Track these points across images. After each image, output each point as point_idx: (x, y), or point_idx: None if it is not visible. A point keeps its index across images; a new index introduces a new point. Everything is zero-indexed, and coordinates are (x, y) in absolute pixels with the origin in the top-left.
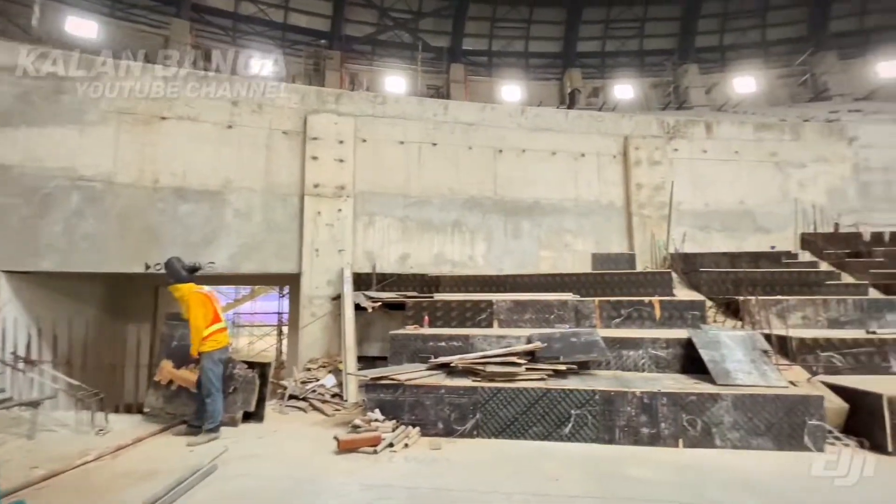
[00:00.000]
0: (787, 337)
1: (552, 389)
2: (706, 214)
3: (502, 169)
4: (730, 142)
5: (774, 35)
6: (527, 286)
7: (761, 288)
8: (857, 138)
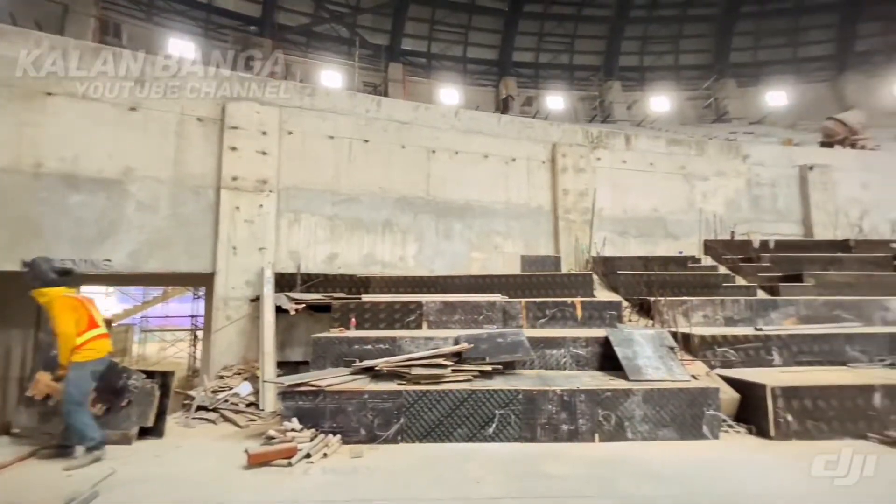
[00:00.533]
0: (690, 334)
1: (477, 390)
2: (624, 220)
3: (435, 169)
4: (646, 154)
5: (685, 61)
6: (458, 287)
7: (670, 289)
8: (749, 156)
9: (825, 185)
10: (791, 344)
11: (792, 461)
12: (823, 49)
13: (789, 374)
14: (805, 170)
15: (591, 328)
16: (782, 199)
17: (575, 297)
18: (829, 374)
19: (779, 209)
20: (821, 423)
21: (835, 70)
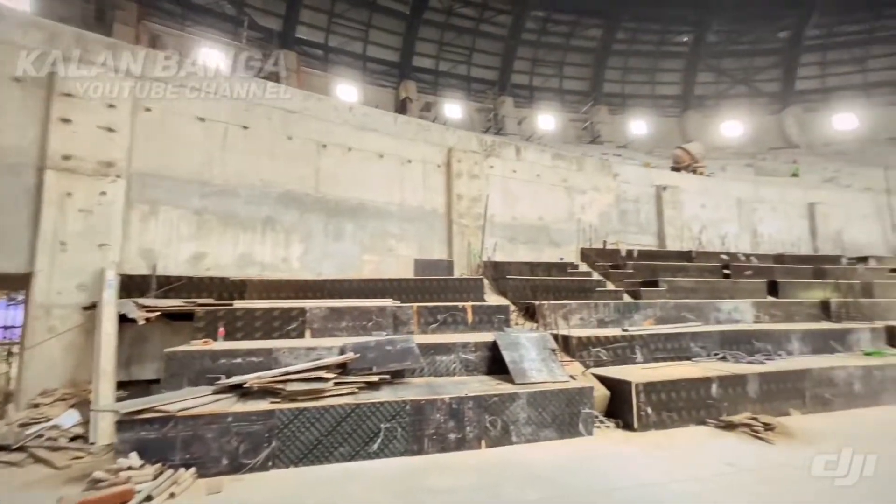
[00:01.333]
0: (569, 336)
1: (362, 404)
2: (514, 227)
3: (326, 165)
4: (533, 165)
5: (568, 85)
6: (347, 291)
7: (552, 293)
8: (619, 175)
9: (675, 204)
10: (650, 342)
11: (651, 450)
12: (673, 89)
13: (649, 370)
14: (660, 189)
15: (481, 332)
16: (643, 213)
17: (466, 302)
18: (678, 369)
19: (641, 223)
20: (673, 414)
21: (680, 108)
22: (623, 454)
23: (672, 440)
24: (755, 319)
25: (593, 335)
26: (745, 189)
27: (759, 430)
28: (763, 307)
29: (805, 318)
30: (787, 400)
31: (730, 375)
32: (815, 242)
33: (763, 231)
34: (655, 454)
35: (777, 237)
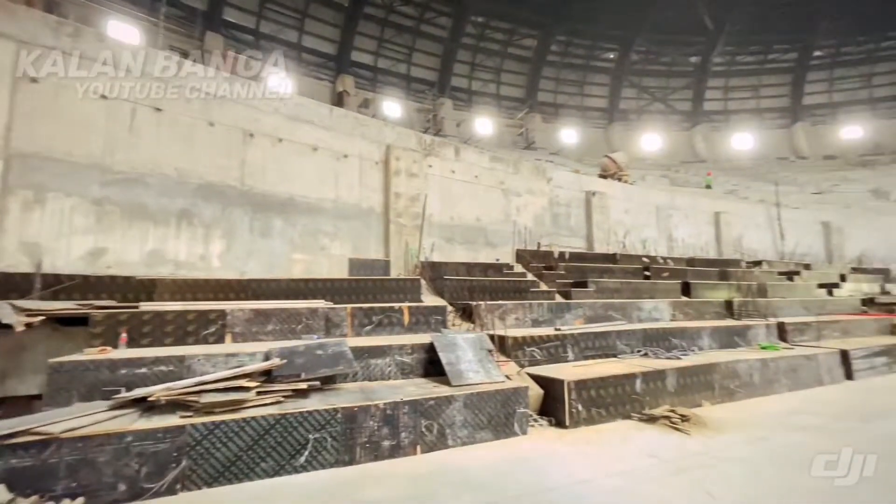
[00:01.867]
0: (505, 336)
1: (288, 414)
2: (452, 227)
3: (254, 156)
4: (472, 167)
5: (505, 91)
6: (275, 292)
7: (489, 294)
8: (552, 179)
9: (602, 209)
10: (580, 341)
11: (583, 446)
12: (600, 102)
13: (580, 368)
14: (590, 195)
15: (418, 334)
16: (574, 217)
17: (403, 303)
18: (606, 366)
19: (572, 226)
20: (601, 410)
21: (607, 120)
22: (557, 452)
23: (601, 435)
24: (672, 318)
25: (528, 335)
26: (663, 197)
27: (677, 422)
28: (678, 306)
29: (713, 316)
30: (699, 392)
31: (651, 371)
32: (720, 247)
33: (677, 236)
34: (586, 450)
35: (689, 241)
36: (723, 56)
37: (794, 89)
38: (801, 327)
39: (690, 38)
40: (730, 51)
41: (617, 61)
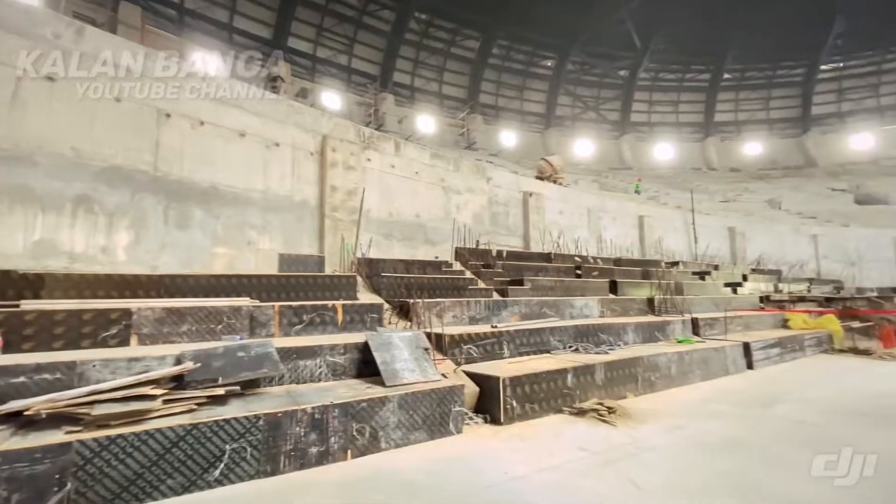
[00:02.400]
0: (442, 334)
1: (201, 423)
2: (390, 223)
3: (171, 139)
4: (412, 162)
5: (447, 91)
6: (193, 289)
7: (427, 291)
8: (492, 179)
9: (539, 210)
10: (516, 338)
11: (517, 443)
12: (538, 108)
13: (515, 365)
14: (527, 195)
15: (353, 333)
16: (512, 217)
17: (337, 301)
18: (540, 362)
19: (509, 225)
20: (535, 405)
21: (544, 125)
22: (492, 450)
23: (534, 430)
24: (600, 314)
25: (465, 332)
26: (594, 200)
27: (605, 414)
28: (606, 303)
29: (637, 313)
30: (624, 384)
31: (581, 366)
32: (643, 248)
33: (606, 237)
34: (520, 447)
35: (616, 242)
36: (648, 72)
37: (707, 107)
38: (711, 322)
39: (620, 53)
40: (654, 68)
41: (554, 69)
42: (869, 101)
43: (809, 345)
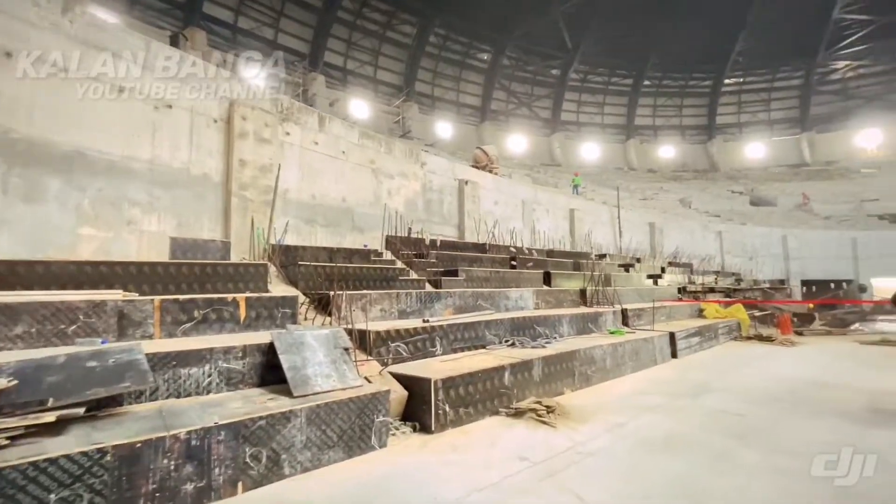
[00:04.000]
0: (368, 331)
1: (6, 468)
2: (313, 207)
3: (16, 88)
4: (339, 140)
5: (383, 76)
6: (43, 280)
7: (353, 283)
8: (426, 164)
9: (474, 199)
10: (449, 333)
11: (449, 454)
12: (474, 100)
13: (448, 363)
14: (462, 183)
15: (259, 331)
16: (447, 205)
17: (241, 293)
18: (475, 359)
19: (444, 214)
20: (469, 408)
21: (479, 118)
22: (421, 465)
23: (469, 438)
24: (535, 306)
25: (394, 328)
26: (528, 192)
27: (544, 415)
28: (541, 295)
29: (570, 304)
30: (562, 380)
31: (519, 362)
32: (574, 241)
33: (539, 229)
34: (454, 459)
35: (549, 234)
36: (578, 73)
37: (629, 110)
38: (639, 313)
39: (553, 52)
40: (583, 69)
41: (490, 63)
42: (762, 115)
43: (722, 333)
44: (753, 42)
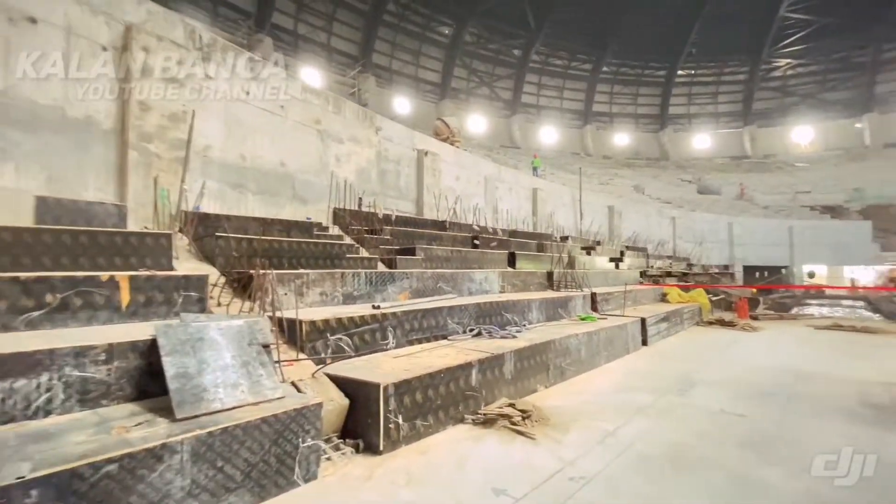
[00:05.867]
0: (298, 320)
1: None
2: (242, 170)
3: None
4: (277, 92)
5: (338, 44)
6: None
7: (289, 260)
8: (382, 129)
9: (434, 172)
10: (405, 321)
11: (401, 488)
12: (434, 76)
13: (402, 360)
14: (422, 154)
15: (149, 321)
16: (404, 177)
17: (123, 272)
18: (436, 354)
19: (401, 187)
20: (429, 418)
21: (438, 96)
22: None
23: (429, 459)
24: (501, 289)
25: (335, 316)
26: (491, 169)
27: (519, 422)
28: (506, 277)
29: (537, 287)
30: (535, 375)
31: (489, 357)
32: (536, 221)
33: (502, 208)
34: (408, 497)
35: (512, 214)
36: (539, 55)
37: (588, 96)
38: (607, 297)
39: (516, 30)
40: (545, 52)
41: (451, 38)
42: (710, 107)
43: (687, 318)
44: (706, 35)
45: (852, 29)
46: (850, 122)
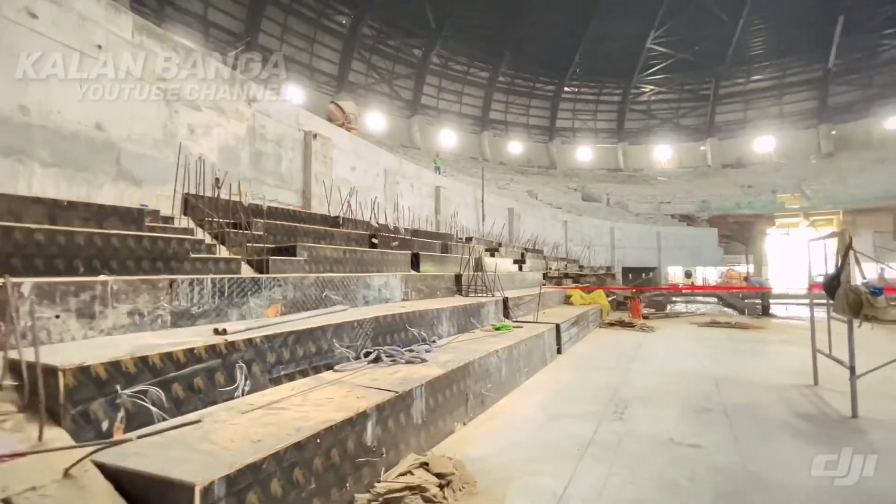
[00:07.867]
0: (56, 368)
1: None
2: (25, 129)
3: None
4: (95, 27)
5: (216, 18)
6: None
7: (86, 262)
8: (257, 101)
9: (325, 159)
10: (268, 351)
11: None
12: (331, 68)
13: (257, 416)
14: (310, 137)
15: None
16: (286, 163)
17: None
18: (313, 400)
19: (282, 173)
20: None
21: (335, 89)
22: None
23: None
24: (404, 297)
25: (138, 355)
26: (392, 161)
27: (436, 496)
28: (410, 281)
29: (445, 293)
30: (452, 412)
31: (392, 398)
32: (439, 221)
33: (403, 204)
34: None
35: (414, 212)
36: (440, 57)
37: (485, 103)
38: (518, 302)
39: (417, 30)
40: (445, 54)
41: (349, 29)
42: (590, 123)
43: (591, 320)
44: (589, 56)
45: (700, 66)
46: (696, 144)
